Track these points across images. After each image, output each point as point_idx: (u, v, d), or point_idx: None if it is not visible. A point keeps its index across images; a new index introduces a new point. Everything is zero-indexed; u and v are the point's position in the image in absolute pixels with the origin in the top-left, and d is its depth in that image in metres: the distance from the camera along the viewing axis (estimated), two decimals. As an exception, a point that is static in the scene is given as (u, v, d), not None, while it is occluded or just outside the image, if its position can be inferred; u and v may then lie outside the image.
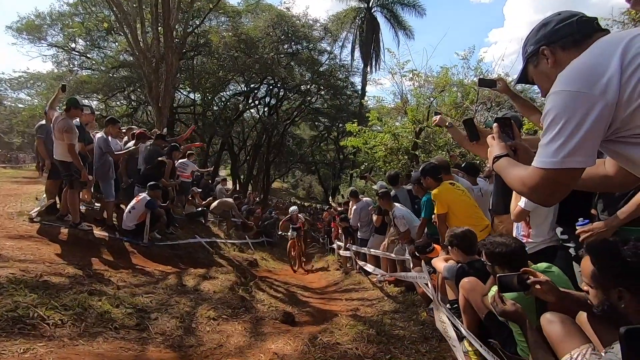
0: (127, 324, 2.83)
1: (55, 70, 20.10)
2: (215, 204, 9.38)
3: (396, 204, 5.08)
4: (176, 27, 10.93)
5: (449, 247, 2.89)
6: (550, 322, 1.65)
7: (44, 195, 6.47)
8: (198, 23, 14.10)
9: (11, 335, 2.18)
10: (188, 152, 9.48)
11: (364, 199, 6.92)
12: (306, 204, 36.68)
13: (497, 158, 1.22)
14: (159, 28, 10.29)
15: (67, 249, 4.50)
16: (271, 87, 24.18)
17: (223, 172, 31.51)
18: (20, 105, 23.72)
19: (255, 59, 18.32)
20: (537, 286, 1.69)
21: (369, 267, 5.87)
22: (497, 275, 1.75)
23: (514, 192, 2.80)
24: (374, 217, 5.96)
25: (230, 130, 22.97)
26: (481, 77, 4.07)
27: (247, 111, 25.26)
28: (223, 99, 23.55)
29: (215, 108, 22.62)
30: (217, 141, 25.00)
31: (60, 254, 4.23)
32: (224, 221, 10.19)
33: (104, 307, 2.94)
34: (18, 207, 6.45)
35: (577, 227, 2.14)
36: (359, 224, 6.93)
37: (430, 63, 50.12)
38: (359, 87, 25.43)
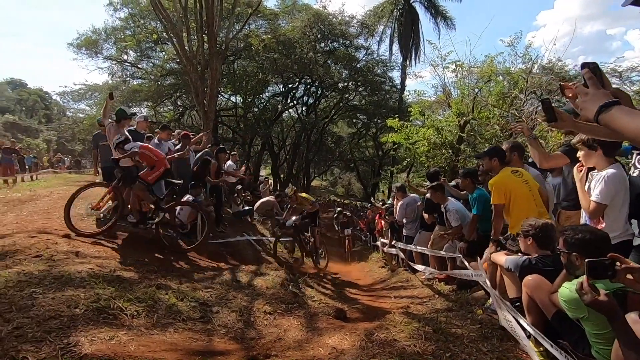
0: (192, 317, 3.02)
1: (110, 81, 21.68)
2: (258, 203, 9.65)
3: (450, 198, 4.93)
4: (219, 33, 11.34)
5: (522, 237, 2.75)
6: (637, 323, 1.54)
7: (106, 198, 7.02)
8: (239, 28, 14.53)
9: (97, 324, 2.41)
10: (230, 153, 9.87)
11: (411, 195, 6.80)
12: (346, 201, 36.69)
13: (605, 107, 0.98)
14: (204, 35, 10.73)
15: (132, 247, 4.87)
16: (309, 86, 24.40)
17: (264, 172, 32.34)
18: (80, 115, 25.79)
19: (293, 60, 18.60)
20: (629, 275, 1.52)
21: (418, 266, 5.77)
22: (587, 260, 1.55)
23: (579, 186, 2.64)
24: (425, 215, 5.83)
25: (270, 131, 23.50)
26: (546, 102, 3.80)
27: (286, 111, 25.66)
28: (263, 101, 24.14)
29: (255, 110, 23.23)
30: (257, 142, 25.68)
31: (127, 251, 4.58)
32: (269, 219, 10.46)
33: (171, 300, 3.15)
34: (87, 209, 7.05)
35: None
36: (404, 220, 6.83)
37: (473, 52, 47.81)
38: (398, 82, 24.95)
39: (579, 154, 2.60)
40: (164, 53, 20.64)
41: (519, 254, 3.09)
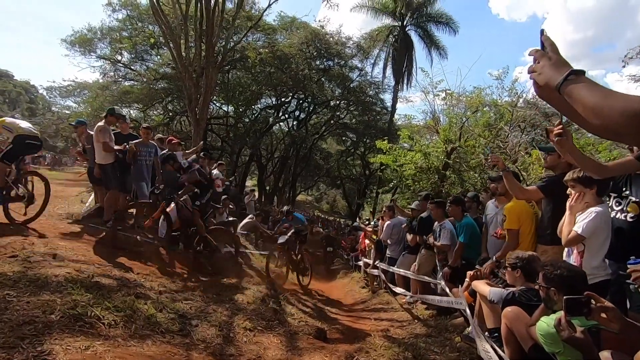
0: (171, 329, 2.96)
1: (101, 80, 21.41)
2: (241, 224, 9.64)
3: (448, 220, 4.99)
4: (217, 43, 11.44)
5: (510, 269, 2.82)
6: (610, 362, 1.60)
7: (90, 199, 6.88)
8: (237, 40, 14.69)
9: (73, 332, 2.34)
10: (218, 162, 9.86)
11: (398, 216, 6.88)
12: (330, 217, 36.65)
13: (573, 74, 0.84)
14: (202, 44, 10.80)
15: (111, 251, 4.75)
16: (301, 101, 24.66)
17: (249, 183, 32.14)
18: (67, 112, 25.26)
19: (288, 75, 18.84)
20: (603, 313, 1.58)
21: (398, 289, 5.80)
22: (565, 297, 1.62)
23: (566, 216, 2.74)
24: (409, 236, 5.91)
25: (260, 142, 23.50)
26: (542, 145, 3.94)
27: (277, 124, 25.79)
28: (254, 112, 24.21)
29: (246, 120, 23.26)
30: (246, 152, 25.62)
31: (106, 255, 4.47)
32: (252, 233, 10.39)
33: (149, 311, 3.08)
34: (66, 209, 6.88)
35: (628, 265, 2.08)
36: (388, 241, 6.90)
37: (463, 83, 49.38)
38: (389, 104, 25.50)
39: (570, 190, 2.70)
40: (158, 57, 20.60)
41: (501, 285, 3.17)
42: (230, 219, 9.51)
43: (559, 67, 0.90)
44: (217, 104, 23.27)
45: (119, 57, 20.41)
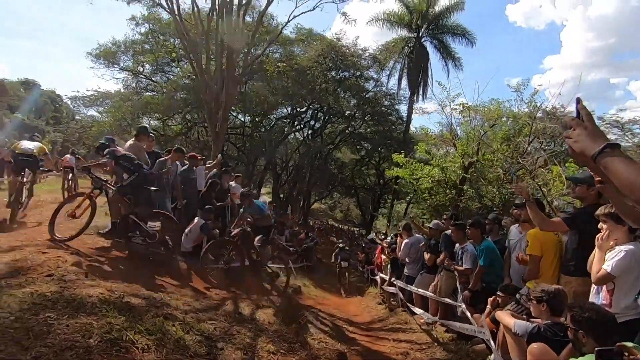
0: (199, 352, 3.05)
1: (123, 91, 22.11)
2: (257, 237, 9.74)
3: (469, 242, 4.96)
4: (237, 58, 11.72)
5: (535, 302, 2.81)
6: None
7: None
8: (257, 55, 15.02)
9: (111, 357, 2.45)
10: (235, 175, 10.04)
11: (416, 235, 6.88)
12: (343, 226, 36.58)
13: (608, 147, 0.91)
14: (223, 60, 11.09)
15: (137, 267, 4.91)
16: (317, 111, 24.90)
17: (263, 191, 32.43)
18: (89, 121, 26.11)
19: (305, 87, 19.10)
20: None
21: (416, 310, 5.78)
22: (597, 349, 1.63)
23: (595, 252, 2.72)
24: (426, 255, 5.90)
25: (275, 152, 23.78)
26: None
27: (292, 134, 26.06)
28: (270, 122, 24.55)
29: (262, 130, 23.60)
30: (261, 162, 25.93)
31: (133, 272, 4.62)
32: (269, 245, 10.48)
33: (178, 333, 3.18)
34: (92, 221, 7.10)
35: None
36: (407, 260, 6.89)
37: (481, 96, 48.90)
38: (404, 115, 25.50)
39: (602, 225, 2.69)
40: (178, 69, 21.18)
41: (525, 315, 3.16)
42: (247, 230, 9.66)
43: (594, 137, 0.95)
44: (234, 114, 23.71)
45: (141, 69, 21.09)
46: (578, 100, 1.08)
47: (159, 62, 20.47)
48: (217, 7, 11.73)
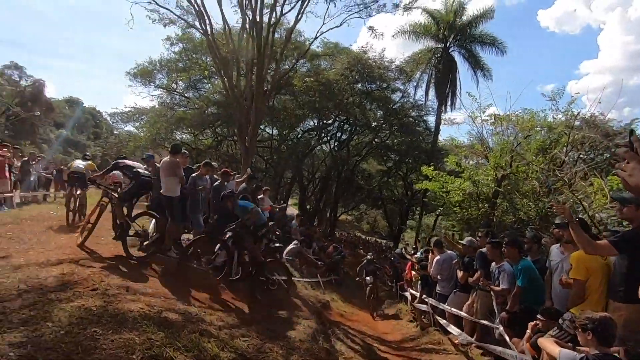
0: (234, 371, 3.10)
1: (157, 107, 23.20)
2: (287, 250, 9.83)
3: (506, 260, 4.77)
4: (266, 74, 12.06)
5: (581, 330, 2.66)
6: None
7: (152, 226, 7.39)
8: (285, 71, 15.40)
9: (152, 375, 2.54)
10: (264, 188, 10.21)
11: (448, 251, 6.70)
12: (371, 238, 36.13)
13: None
14: (252, 76, 11.44)
15: (173, 282, 5.06)
16: (343, 123, 25.00)
17: (290, 202, 32.70)
18: (126, 135, 27.50)
19: (333, 101, 19.29)
20: None
21: (452, 329, 5.59)
22: None
23: None
24: (459, 273, 5.72)
25: (302, 164, 24.02)
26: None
27: (319, 146, 26.26)
28: (297, 134, 24.90)
29: (289, 143, 23.95)
30: (288, 173, 26.24)
31: (170, 287, 4.77)
32: (298, 259, 10.54)
33: (214, 350, 3.26)
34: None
35: None
36: (438, 277, 6.71)
37: (513, 107, 47.25)
38: (432, 126, 25.14)
39: None
40: (210, 85, 22.00)
41: (570, 343, 2.99)
42: (277, 245, 9.77)
43: None
44: (262, 127, 24.23)
45: (175, 86, 22.09)
46: (631, 132, 1.06)
47: (191, 79, 21.37)
48: (247, 26, 12.19)
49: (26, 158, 11.23)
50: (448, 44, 23.83)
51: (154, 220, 6.54)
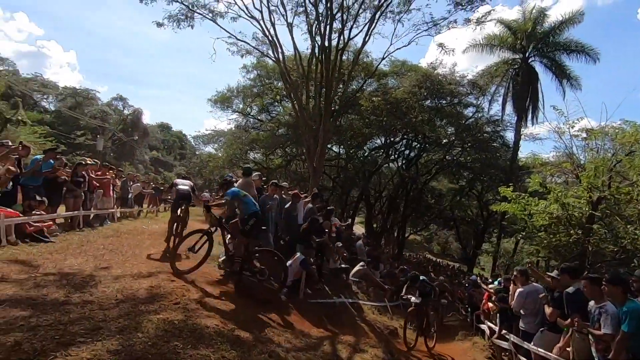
0: (300, 397, 3.10)
1: (234, 129, 25.10)
2: (353, 272, 9.71)
3: (608, 301, 4.14)
4: (335, 96, 12.37)
5: None
6: None
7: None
8: (353, 92, 15.68)
9: (225, 394, 2.65)
10: (329, 208, 10.27)
11: (533, 283, 6.02)
12: (441, 261, 34.04)
13: None
14: (321, 99, 11.82)
15: (244, 299, 5.29)
16: (411, 140, 24.40)
17: (357, 220, 32.45)
18: (206, 155, 30.09)
19: (401, 120, 19.03)
20: None
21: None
22: None
23: None
24: (548, 310, 5.08)
25: (369, 182, 23.84)
26: None
27: (386, 164, 25.90)
28: (364, 153, 24.90)
29: (356, 161, 24.02)
30: (355, 192, 26.20)
31: (241, 304, 5.00)
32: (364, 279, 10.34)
33: (281, 373, 3.30)
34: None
35: None
36: (521, 312, 6.03)
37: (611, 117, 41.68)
38: (511, 141, 23.26)
39: None
40: (281, 108, 23.27)
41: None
42: (343, 266, 9.71)
43: None
44: (329, 146, 24.75)
45: (249, 110, 23.85)
46: None
47: (264, 103, 22.91)
48: (316, 51, 12.72)
49: (124, 178, 12.84)
50: (527, 54, 22.12)
51: (229, 237, 6.95)
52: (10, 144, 6.90)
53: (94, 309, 3.54)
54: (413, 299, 7.56)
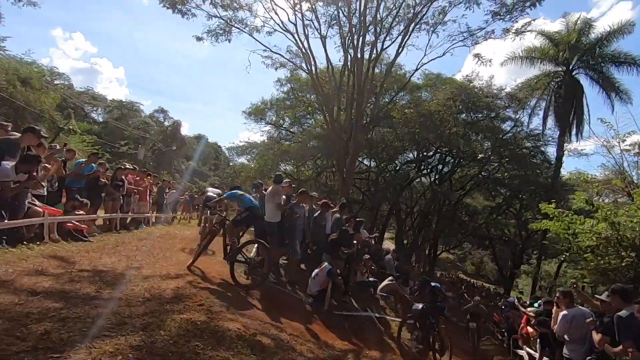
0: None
1: (266, 141, 25.59)
2: (381, 286, 9.41)
3: None
4: (366, 109, 12.32)
5: None
6: None
7: (254, 250, 7.88)
8: (385, 104, 15.60)
9: (242, 398, 2.57)
10: (357, 220, 10.09)
11: (579, 307, 5.53)
12: (475, 281, 32.39)
13: None
14: (352, 111, 11.80)
15: (268, 306, 5.24)
16: (444, 155, 23.73)
17: (387, 236, 31.74)
18: (239, 166, 30.83)
19: (434, 133, 18.62)
20: None
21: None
22: None
23: None
24: (596, 336, 4.61)
25: (399, 197, 23.34)
26: None
27: (418, 178, 25.31)
28: (395, 166, 24.50)
29: (387, 175, 23.66)
30: (385, 206, 25.71)
31: (265, 310, 4.94)
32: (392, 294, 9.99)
33: (303, 383, 3.17)
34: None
35: None
36: (565, 337, 5.52)
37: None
38: (553, 157, 22.04)
39: None
40: (312, 120, 23.50)
41: None
42: (371, 279, 9.44)
43: None
44: (360, 159, 24.59)
45: (282, 122, 24.26)
46: None
47: (296, 115, 23.25)
48: (349, 63, 12.79)
49: (160, 184, 13.35)
50: (571, 67, 21.06)
51: (255, 246, 6.97)
52: (58, 147, 7.37)
53: (121, 305, 3.61)
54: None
